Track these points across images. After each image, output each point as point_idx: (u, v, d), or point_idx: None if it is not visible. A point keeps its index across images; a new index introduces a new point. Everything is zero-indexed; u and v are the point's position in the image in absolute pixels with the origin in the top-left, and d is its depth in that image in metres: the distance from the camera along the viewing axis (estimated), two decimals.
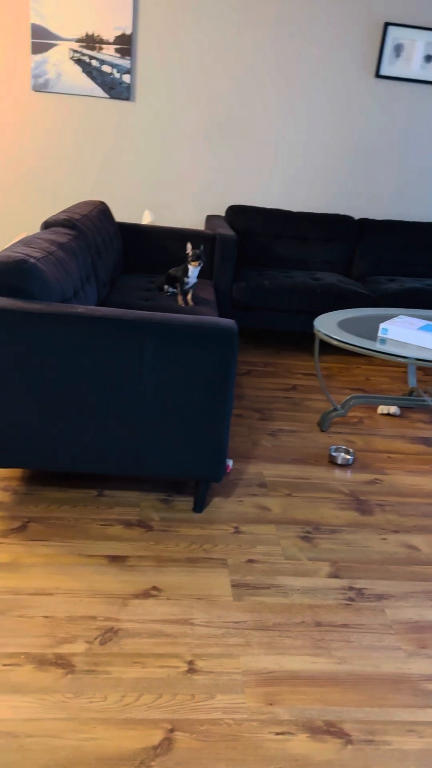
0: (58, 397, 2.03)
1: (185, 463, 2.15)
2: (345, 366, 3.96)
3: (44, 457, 2.11)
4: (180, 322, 2.00)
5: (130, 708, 1.49)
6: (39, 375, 2.00)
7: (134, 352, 2.00)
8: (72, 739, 1.41)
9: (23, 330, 1.95)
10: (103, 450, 2.11)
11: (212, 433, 2.11)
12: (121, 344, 1.99)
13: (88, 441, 2.09)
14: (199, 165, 4.40)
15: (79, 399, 2.04)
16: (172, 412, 2.07)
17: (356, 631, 1.80)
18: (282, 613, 1.84)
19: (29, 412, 2.04)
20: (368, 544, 2.20)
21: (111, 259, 3.30)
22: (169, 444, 2.11)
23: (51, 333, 1.96)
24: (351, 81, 4.31)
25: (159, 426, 2.09)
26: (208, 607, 1.83)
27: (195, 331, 2.00)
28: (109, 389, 2.03)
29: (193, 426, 2.09)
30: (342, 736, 1.47)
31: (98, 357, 1.99)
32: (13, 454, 2.10)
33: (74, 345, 1.98)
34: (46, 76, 4.10)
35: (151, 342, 1.99)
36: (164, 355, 2.01)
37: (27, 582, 1.86)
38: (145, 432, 2.09)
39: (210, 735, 1.45)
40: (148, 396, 2.05)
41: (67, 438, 2.08)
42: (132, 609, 1.80)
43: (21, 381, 2.00)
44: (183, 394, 2.05)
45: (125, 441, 2.10)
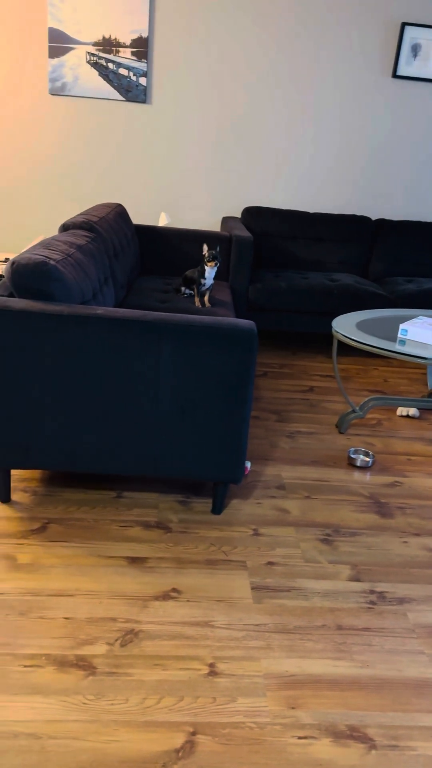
0: (76, 398, 2.03)
1: (204, 465, 2.14)
2: (363, 368, 3.94)
3: (63, 458, 2.11)
4: (199, 323, 1.99)
5: (152, 710, 1.49)
6: (58, 376, 2.00)
7: (153, 354, 1.99)
8: (94, 741, 1.40)
9: (43, 331, 1.95)
10: (122, 451, 2.11)
11: (231, 435, 2.10)
12: (140, 345, 1.99)
13: (106, 442, 2.09)
14: (215, 167, 4.40)
15: (97, 400, 2.04)
16: (191, 413, 2.07)
17: (378, 634, 1.78)
18: (303, 616, 1.82)
19: (48, 414, 2.05)
20: (389, 547, 2.18)
21: (128, 261, 3.31)
22: (188, 445, 2.11)
23: (70, 334, 1.96)
24: (368, 81, 4.28)
25: (177, 427, 2.08)
26: (228, 609, 1.82)
27: (214, 333, 1.99)
28: (127, 390, 2.03)
29: (211, 427, 2.09)
30: (365, 741, 1.46)
31: (117, 358, 1.99)
32: (33, 455, 2.10)
33: (93, 346, 1.98)
34: (63, 79, 4.12)
35: (170, 343, 1.99)
36: (183, 357, 2.00)
37: (47, 583, 1.86)
38: (164, 433, 2.09)
39: (232, 738, 1.43)
40: (166, 397, 2.04)
41: (86, 439, 2.09)
42: (152, 611, 1.79)
43: (40, 382, 2.01)
44: (201, 396, 2.05)
45: (143, 442, 2.10)
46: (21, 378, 2.00)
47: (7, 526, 2.11)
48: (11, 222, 4.43)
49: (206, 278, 3.03)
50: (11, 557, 1.96)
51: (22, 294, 2.03)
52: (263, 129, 4.34)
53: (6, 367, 1.99)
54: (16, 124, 4.21)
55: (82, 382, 2.02)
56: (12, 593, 1.81)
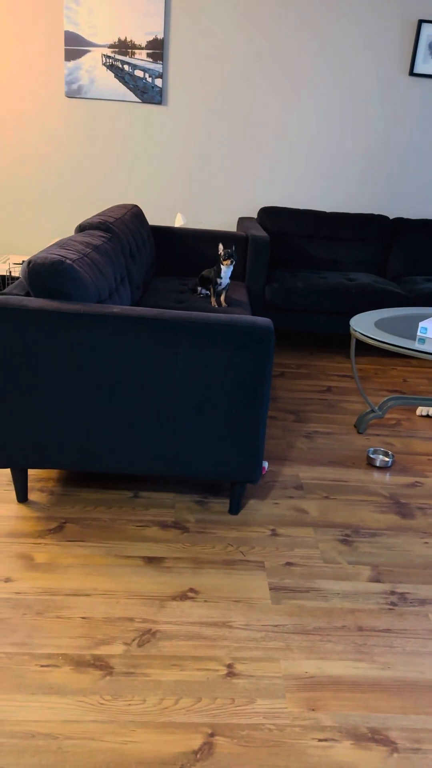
0: (93, 397, 2.03)
1: (221, 464, 2.12)
2: (381, 367, 3.89)
3: (79, 457, 2.11)
4: (215, 320, 1.98)
5: (169, 711, 1.47)
6: (75, 375, 2.00)
7: (169, 352, 1.98)
8: (111, 742, 1.38)
9: (59, 330, 1.95)
10: (138, 450, 2.10)
11: (248, 434, 2.08)
12: (157, 344, 1.97)
13: (123, 441, 2.08)
14: (231, 167, 4.39)
15: (114, 399, 2.03)
16: (208, 412, 2.05)
17: (400, 636, 1.74)
18: (322, 617, 1.79)
19: (64, 413, 2.04)
20: (410, 548, 2.14)
21: (144, 262, 3.30)
22: (205, 444, 2.09)
23: (87, 333, 1.95)
24: (384, 79, 4.25)
25: (194, 426, 2.07)
26: (247, 609, 1.80)
27: (231, 330, 1.97)
28: (144, 389, 2.02)
29: (228, 426, 2.07)
30: (387, 744, 1.42)
31: (134, 357, 1.98)
32: (49, 454, 2.10)
33: (110, 345, 1.97)
34: (80, 82, 4.14)
35: (186, 341, 1.97)
36: (199, 355, 1.99)
37: (64, 582, 1.85)
38: (181, 432, 2.07)
39: (251, 740, 1.41)
40: (183, 396, 2.03)
41: (103, 438, 2.08)
42: (170, 611, 1.77)
43: (57, 382, 2.01)
44: (218, 394, 2.03)
45: (160, 441, 2.08)
46: (37, 377, 2.00)
47: (24, 526, 2.10)
48: (28, 224, 4.46)
49: (222, 277, 3.02)
50: (28, 557, 1.95)
51: (38, 293, 2.03)
52: (279, 129, 4.32)
53: (22, 367, 1.99)
54: (33, 127, 4.24)
55: (98, 381, 2.01)
56: (29, 593, 1.80)
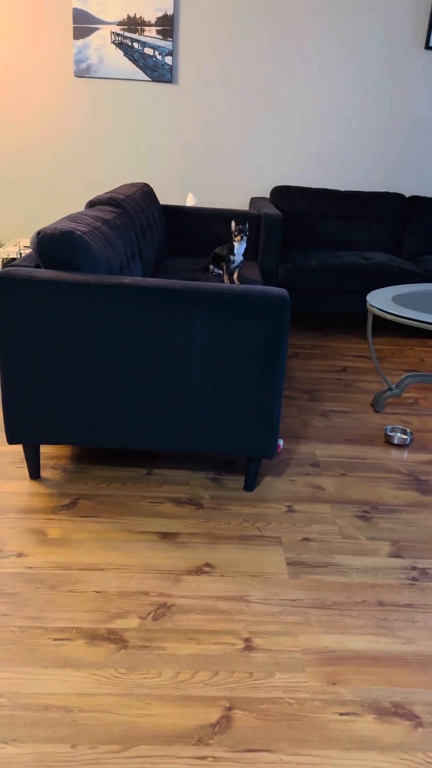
0: (105, 371, 1.98)
1: (236, 439, 2.08)
2: (397, 348, 3.82)
3: (91, 433, 2.07)
4: (229, 291, 1.92)
5: (186, 685, 1.43)
6: (85, 348, 1.96)
7: (183, 324, 1.93)
8: (127, 715, 1.35)
9: (69, 302, 1.91)
10: (152, 426, 2.06)
11: (263, 407, 2.03)
12: (170, 316, 1.93)
13: (135, 416, 2.04)
14: (243, 146, 4.32)
15: (126, 373, 1.98)
16: (222, 385, 2.00)
17: (422, 611, 1.69)
18: (341, 591, 1.75)
19: (76, 388, 2.00)
20: (430, 524, 2.09)
21: (155, 240, 3.25)
22: (219, 419, 2.04)
23: (97, 305, 1.91)
24: (399, 53, 4.15)
25: (208, 400, 2.02)
26: (264, 584, 1.76)
27: (245, 301, 1.92)
28: (157, 363, 1.97)
29: (243, 400, 2.02)
30: (411, 719, 1.38)
31: (146, 329, 1.94)
32: (61, 430, 2.06)
33: (121, 317, 1.92)
34: (89, 61, 4.08)
35: (200, 313, 1.92)
36: (213, 327, 1.94)
37: (78, 557, 1.82)
38: (195, 407, 2.03)
39: (270, 714, 1.37)
40: (196, 369, 1.98)
41: (115, 414, 2.04)
42: (185, 585, 1.73)
43: (67, 355, 1.96)
44: (233, 367, 1.98)
45: (174, 416, 2.04)
46: (47, 350, 1.96)
47: (37, 502, 2.07)
48: (38, 207, 4.42)
49: (235, 254, 2.96)
50: (41, 532, 1.92)
51: (47, 264, 1.98)
52: (291, 106, 4.24)
53: (32, 340, 1.95)
54: (42, 108, 4.19)
55: (109, 354, 1.97)
56: (42, 567, 1.77)
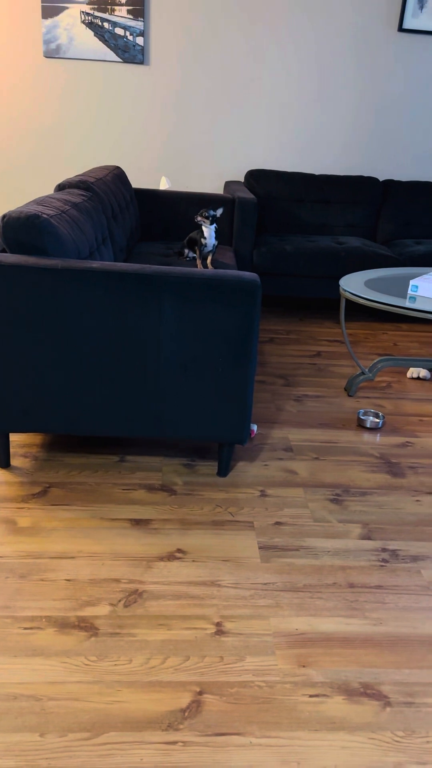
0: (74, 357, 1.96)
1: (208, 425, 2.07)
2: (371, 332, 3.84)
3: (63, 420, 2.05)
4: (200, 275, 1.90)
5: (157, 671, 1.43)
6: (54, 334, 1.93)
7: (153, 309, 1.91)
8: (96, 702, 1.35)
9: (37, 287, 1.87)
10: (123, 412, 2.04)
11: (236, 392, 2.02)
12: (140, 301, 1.90)
13: (107, 403, 2.02)
14: (217, 129, 4.27)
15: (96, 359, 1.96)
16: (194, 370, 1.99)
17: (391, 592, 1.71)
18: (312, 574, 1.76)
19: (45, 374, 1.98)
20: (401, 506, 2.11)
21: (128, 224, 3.21)
22: (191, 405, 2.03)
23: (66, 290, 1.88)
24: (372, 35, 4.12)
25: (180, 386, 2.01)
26: (236, 568, 1.76)
27: (216, 285, 1.90)
28: (127, 349, 1.95)
29: (215, 385, 2.01)
30: (380, 699, 1.39)
31: (116, 315, 1.91)
32: (31, 418, 2.04)
33: (90, 302, 1.90)
34: (58, 41, 3.99)
35: (171, 297, 1.90)
36: (184, 312, 1.92)
37: (48, 546, 1.80)
38: (166, 393, 2.01)
39: (241, 697, 1.38)
40: (168, 354, 1.96)
41: (86, 400, 2.01)
42: (157, 571, 1.73)
43: (35, 342, 1.93)
44: (205, 352, 1.97)
45: (146, 403, 2.02)
46: (15, 337, 1.93)
47: (6, 491, 2.05)
48: (6, 188, 4.33)
49: (207, 238, 2.94)
50: (11, 521, 1.90)
51: (13, 249, 1.94)
52: (266, 88, 4.20)
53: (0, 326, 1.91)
54: (10, 89, 4.09)
55: (80, 340, 1.94)
56: (12, 556, 1.75)
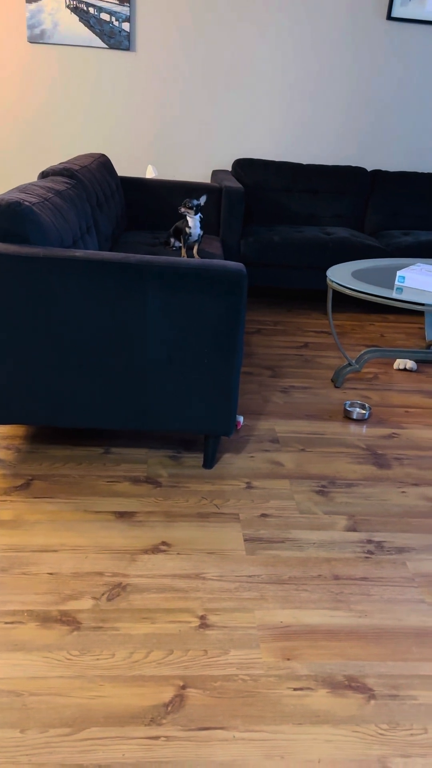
0: (57, 348, 1.93)
1: (194, 417, 2.05)
2: (358, 323, 3.83)
3: (46, 412, 2.02)
4: (185, 265, 1.88)
5: (140, 665, 1.41)
6: (37, 325, 1.89)
7: (137, 299, 1.88)
8: (78, 697, 1.33)
9: (18, 276, 1.84)
10: (108, 404, 2.01)
11: (221, 384, 2.00)
12: (124, 291, 1.87)
13: (90, 395, 1.99)
14: (204, 117, 4.22)
15: (80, 350, 1.93)
16: (179, 362, 1.96)
17: (377, 584, 1.71)
18: (297, 566, 1.75)
19: (28, 365, 1.94)
20: (387, 497, 2.10)
21: (113, 213, 3.17)
22: (177, 396, 2.01)
23: (48, 279, 1.84)
24: (361, 23, 4.08)
25: (165, 377, 1.98)
26: (220, 561, 1.75)
27: (201, 275, 1.88)
28: (111, 339, 1.92)
29: (201, 377, 1.99)
30: (365, 691, 1.39)
31: (99, 305, 1.88)
32: (14, 410, 2.00)
33: (73, 292, 1.86)
34: (42, 26, 3.92)
35: (155, 287, 1.88)
36: (169, 302, 1.89)
37: (30, 539, 1.78)
38: (151, 384, 1.99)
39: (224, 691, 1.36)
40: (152, 345, 1.94)
41: (70, 392, 1.99)
42: (141, 564, 1.71)
43: (17, 332, 1.90)
44: (190, 343, 1.94)
45: (130, 394, 2.00)
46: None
47: None
48: None
49: (192, 227, 2.90)
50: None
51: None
52: (254, 76, 4.15)
53: None
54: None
55: (63, 330, 1.91)
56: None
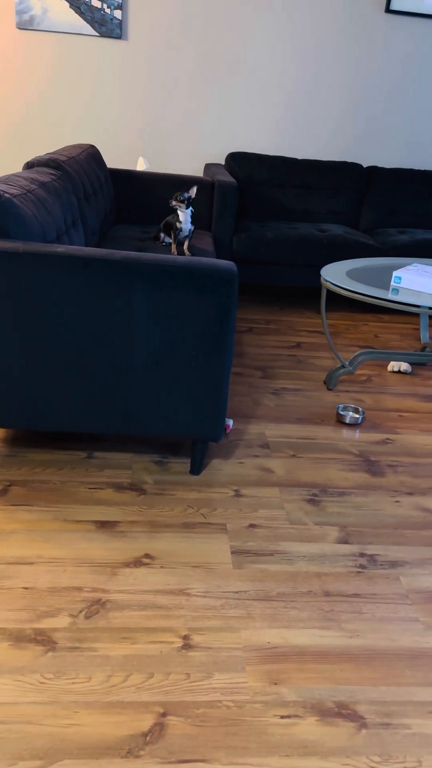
0: (39, 348, 1.83)
1: (181, 421, 1.96)
2: (352, 323, 3.75)
3: (26, 415, 1.92)
4: (173, 263, 1.79)
5: (117, 690, 1.33)
6: (17, 324, 1.80)
7: (123, 298, 1.79)
8: (51, 726, 1.24)
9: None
10: (91, 407, 1.92)
11: (210, 387, 1.91)
12: (108, 288, 1.78)
13: (73, 397, 1.90)
14: (198, 109, 4.12)
15: (62, 351, 1.84)
16: (166, 363, 1.88)
17: (369, 601, 1.63)
18: (287, 582, 1.67)
19: (9, 366, 1.85)
20: (380, 507, 2.03)
21: (101, 206, 3.07)
22: (163, 400, 1.92)
23: (29, 276, 1.75)
24: (359, 16, 3.99)
25: (151, 380, 1.89)
26: (206, 575, 1.66)
27: (190, 274, 1.79)
28: (95, 339, 1.83)
29: (188, 380, 1.90)
30: (355, 719, 1.31)
31: (83, 303, 1.79)
32: None
33: (55, 290, 1.77)
34: (32, 12, 3.80)
35: (142, 286, 1.78)
36: (156, 301, 1.80)
37: (5, 550, 1.69)
38: (137, 387, 1.90)
39: (207, 719, 1.28)
40: (138, 346, 1.85)
41: (51, 394, 1.89)
42: (122, 579, 1.63)
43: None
44: (178, 345, 1.85)
45: (114, 397, 1.91)
46: None
47: None
48: None
49: (182, 222, 2.81)
50: None
51: None
52: (249, 68, 4.05)
53: None
54: None
55: (44, 330, 1.81)
56: None
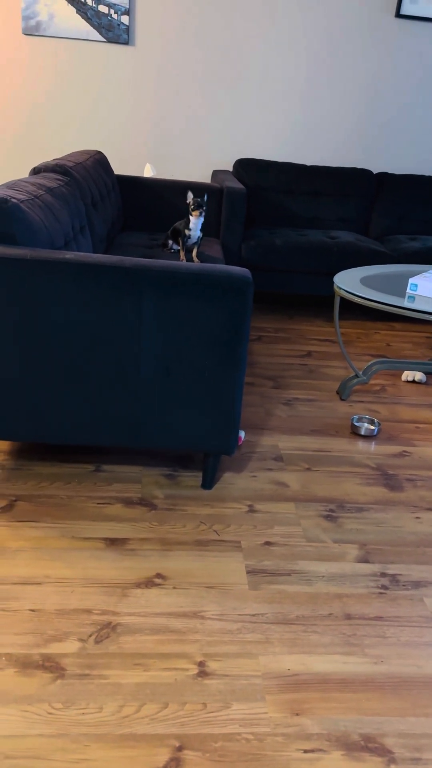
0: (46, 358, 1.77)
1: (192, 434, 1.89)
2: (363, 331, 3.68)
3: (33, 427, 1.86)
4: (185, 269, 1.72)
5: (130, 721, 1.25)
6: (24, 333, 1.74)
7: (133, 306, 1.73)
8: (60, 761, 1.17)
9: (4, 279, 1.68)
10: (99, 419, 1.85)
11: (223, 399, 1.84)
12: (118, 296, 1.72)
13: (81, 409, 1.83)
14: (206, 115, 4.07)
15: (69, 360, 1.77)
16: (177, 374, 1.81)
17: (393, 624, 1.55)
18: (306, 603, 1.59)
19: (14, 376, 1.78)
20: (400, 524, 1.95)
21: (108, 213, 3.01)
22: (174, 412, 1.85)
23: (36, 283, 1.69)
24: (368, 20, 3.94)
25: (162, 391, 1.83)
26: (221, 597, 1.59)
27: (203, 281, 1.72)
28: (104, 349, 1.77)
29: (201, 391, 1.83)
30: (383, 754, 1.23)
31: (91, 311, 1.72)
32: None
33: (63, 297, 1.71)
34: (38, 17, 3.76)
35: (152, 294, 1.72)
36: (167, 309, 1.74)
37: (11, 569, 1.62)
38: (147, 398, 1.83)
39: (226, 753, 1.21)
40: (149, 356, 1.78)
41: (58, 405, 1.83)
42: (133, 600, 1.55)
43: (3, 340, 1.74)
44: (189, 355, 1.79)
45: (124, 409, 1.84)
46: None
47: None
48: None
49: (192, 229, 2.75)
50: None
51: None
52: (257, 73, 4.00)
53: None
54: None
55: (51, 339, 1.75)
56: None
